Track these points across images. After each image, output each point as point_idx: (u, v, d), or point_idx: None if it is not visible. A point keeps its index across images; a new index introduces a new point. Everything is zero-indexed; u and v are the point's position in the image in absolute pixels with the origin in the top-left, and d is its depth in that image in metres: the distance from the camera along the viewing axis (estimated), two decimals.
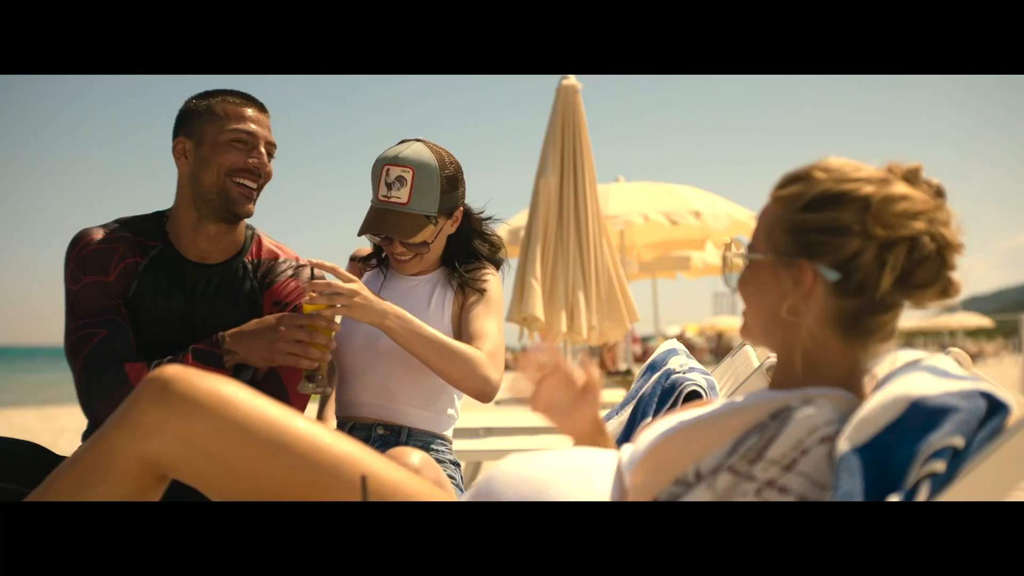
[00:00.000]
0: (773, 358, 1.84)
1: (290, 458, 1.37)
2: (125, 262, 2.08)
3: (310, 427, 1.41)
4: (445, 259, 2.30)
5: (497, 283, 2.27)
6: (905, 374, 1.13)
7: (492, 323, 2.17)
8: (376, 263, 2.37)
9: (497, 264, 2.32)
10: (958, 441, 1.01)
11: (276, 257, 2.22)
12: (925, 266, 1.18)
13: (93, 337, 1.99)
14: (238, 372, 2.04)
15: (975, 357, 26.84)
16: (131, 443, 1.37)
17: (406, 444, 2.15)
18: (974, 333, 45.02)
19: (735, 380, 2.05)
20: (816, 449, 1.10)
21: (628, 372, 8.57)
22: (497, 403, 4.60)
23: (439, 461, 2.19)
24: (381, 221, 2.14)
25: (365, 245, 2.40)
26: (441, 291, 2.25)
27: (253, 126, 2.09)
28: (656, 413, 1.89)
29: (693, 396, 1.87)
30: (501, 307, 2.28)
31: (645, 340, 21.81)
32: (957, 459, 1.02)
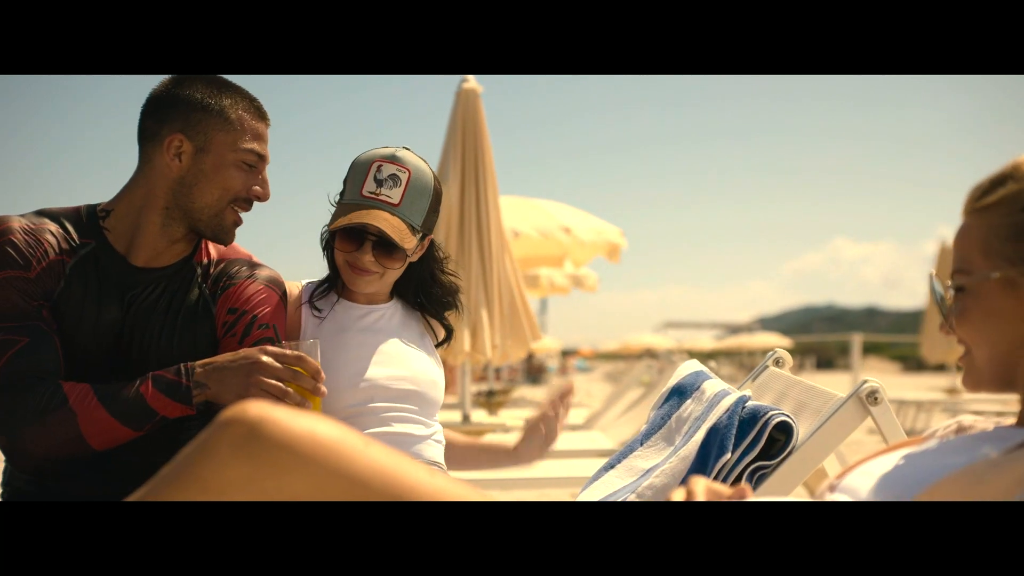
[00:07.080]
0: (872, 382, 1.63)
1: None
2: (51, 259, 1.68)
3: (436, 480, 1.07)
4: (399, 291, 2.04)
5: None
6: None
7: None
8: (318, 297, 2.00)
9: (451, 306, 2.10)
10: None
11: (229, 258, 1.86)
12: None
13: (11, 346, 1.60)
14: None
15: None
16: None
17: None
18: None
19: (797, 406, 1.83)
20: None
21: (492, 393, 8.30)
22: None
23: None
24: (369, 215, 1.82)
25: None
26: (414, 328, 2.04)
27: (265, 148, 1.78)
28: (737, 445, 1.65)
29: (782, 428, 1.64)
30: None
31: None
32: None
